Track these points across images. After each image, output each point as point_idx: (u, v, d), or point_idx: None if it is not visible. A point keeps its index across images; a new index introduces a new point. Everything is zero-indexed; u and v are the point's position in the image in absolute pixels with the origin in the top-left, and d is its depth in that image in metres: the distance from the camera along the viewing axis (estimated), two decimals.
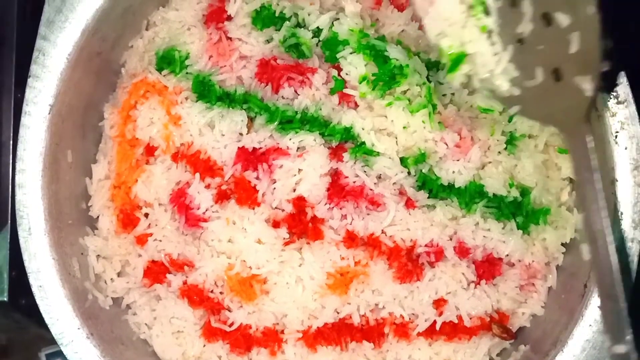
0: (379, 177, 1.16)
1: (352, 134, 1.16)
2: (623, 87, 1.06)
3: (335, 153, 1.16)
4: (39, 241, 1.15)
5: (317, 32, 1.18)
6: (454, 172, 1.15)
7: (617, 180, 1.07)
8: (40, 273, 1.15)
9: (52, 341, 1.18)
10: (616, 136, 1.07)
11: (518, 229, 1.16)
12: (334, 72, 1.17)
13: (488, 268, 1.17)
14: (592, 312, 1.08)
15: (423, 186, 1.16)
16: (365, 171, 1.14)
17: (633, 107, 1.06)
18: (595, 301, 1.08)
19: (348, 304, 1.16)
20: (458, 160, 1.15)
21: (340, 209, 1.15)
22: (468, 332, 1.17)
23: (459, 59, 0.97)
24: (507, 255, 1.16)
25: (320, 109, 1.16)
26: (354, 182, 1.15)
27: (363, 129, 1.15)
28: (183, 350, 1.22)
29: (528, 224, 1.16)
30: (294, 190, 1.15)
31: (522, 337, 1.21)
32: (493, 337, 1.19)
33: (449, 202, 1.16)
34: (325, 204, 1.15)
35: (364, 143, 1.16)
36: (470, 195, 1.16)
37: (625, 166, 1.06)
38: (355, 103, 1.17)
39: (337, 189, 1.15)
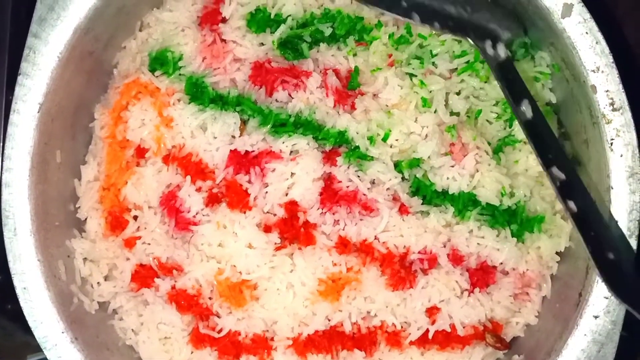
0: (372, 182, 1.14)
1: (346, 138, 1.15)
2: (618, 94, 1.05)
3: (329, 157, 1.15)
4: (25, 242, 1.13)
5: (315, 32, 1.18)
6: (448, 178, 1.14)
7: (612, 188, 1.06)
8: (25, 275, 1.13)
9: (38, 348, 1.15)
10: (612, 143, 1.06)
11: (512, 237, 1.15)
12: (332, 74, 1.16)
13: (482, 276, 1.15)
14: (587, 322, 1.06)
15: (417, 192, 1.15)
16: (359, 176, 1.13)
17: (629, 114, 1.06)
18: (590, 310, 1.06)
19: (339, 311, 1.15)
20: (452, 166, 1.14)
21: (333, 214, 1.13)
22: (461, 342, 1.16)
23: None
24: (502, 263, 1.15)
25: (314, 113, 1.15)
26: (347, 187, 1.13)
27: (357, 133, 1.14)
28: (170, 357, 1.20)
29: (522, 231, 1.15)
30: (286, 194, 1.14)
31: (516, 347, 1.20)
32: (486, 346, 1.17)
33: (443, 209, 1.15)
34: (318, 208, 1.13)
35: (358, 147, 1.14)
36: (464, 203, 1.15)
37: (621, 174, 1.06)
38: (352, 105, 1.16)
39: (330, 194, 1.14)
